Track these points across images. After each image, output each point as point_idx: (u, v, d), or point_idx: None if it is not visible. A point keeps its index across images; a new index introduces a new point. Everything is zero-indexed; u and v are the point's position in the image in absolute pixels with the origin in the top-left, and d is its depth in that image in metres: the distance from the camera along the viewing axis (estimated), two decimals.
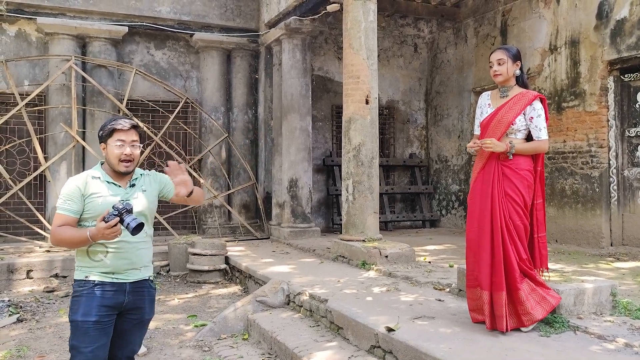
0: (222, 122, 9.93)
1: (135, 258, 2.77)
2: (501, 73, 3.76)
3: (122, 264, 2.72)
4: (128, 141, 2.74)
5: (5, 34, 8.77)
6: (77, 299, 2.69)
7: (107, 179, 2.76)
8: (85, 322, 2.63)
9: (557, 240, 7.83)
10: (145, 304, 2.83)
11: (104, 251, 2.69)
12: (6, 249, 7.87)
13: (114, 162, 2.73)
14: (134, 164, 2.79)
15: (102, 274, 2.69)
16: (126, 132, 2.74)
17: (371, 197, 6.80)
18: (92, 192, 2.69)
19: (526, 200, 3.70)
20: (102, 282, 2.68)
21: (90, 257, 2.70)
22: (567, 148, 7.84)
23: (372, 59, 6.85)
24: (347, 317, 4.27)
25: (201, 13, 9.65)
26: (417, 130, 11.27)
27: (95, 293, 2.66)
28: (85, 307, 2.64)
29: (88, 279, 2.69)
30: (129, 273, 2.75)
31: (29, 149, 8.78)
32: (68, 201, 2.66)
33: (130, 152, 2.74)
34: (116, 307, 2.72)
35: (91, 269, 2.70)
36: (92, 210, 2.67)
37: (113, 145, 2.72)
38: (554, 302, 3.66)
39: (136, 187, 2.82)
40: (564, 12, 7.91)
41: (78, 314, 2.65)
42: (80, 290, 2.69)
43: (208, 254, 7.38)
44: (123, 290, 2.72)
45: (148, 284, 2.86)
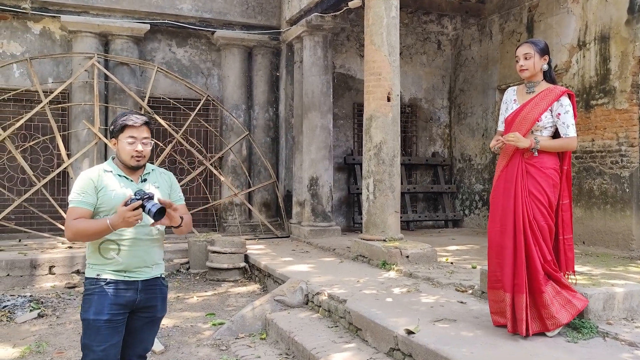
0: (243, 120, 9.91)
1: (147, 256, 2.73)
2: (527, 68, 3.62)
3: (135, 261, 2.69)
4: (140, 138, 2.71)
5: (30, 32, 8.88)
6: (89, 297, 2.66)
7: (119, 173, 2.73)
8: (97, 320, 2.60)
9: (585, 242, 7.61)
10: (157, 302, 2.79)
11: (116, 248, 2.66)
12: (29, 245, 7.96)
13: (125, 158, 2.71)
14: (145, 159, 2.76)
15: (114, 272, 2.66)
16: (138, 128, 2.71)
17: (392, 196, 6.68)
18: (105, 186, 2.66)
19: (551, 200, 3.55)
20: (114, 280, 2.65)
21: (102, 254, 2.67)
22: (595, 147, 7.60)
23: (394, 56, 6.73)
24: (366, 318, 4.18)
25: (222, 10, 9.64)
26: (440, 128, 11.10)
27: (108, 291, 2.63)
28: (97, 306, 2.62)
29: (100, 277, 2.66)
30: (141, 271, 2.72)
31: (52, 146, 8.87)
32: (82, 194, 2.63)
33: (142, 149, 2.71)
34: (128, 306, 2.69)
35: (103, 267, 2.67)
36: (106, 204, 2.64)
37: (124, 141, 2.70)
38: (580, 305, 3.51)
39: (148, 182, 2.79)
40: (594, 7, 7.67)
41: (90, 312, 2.62)
42: (92, 288, 2.66)
43: (227, 252, 7.35)
44: (135, 289, 2.69)
45: (160, 281, 2.82)
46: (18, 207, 8.34)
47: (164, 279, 2.88)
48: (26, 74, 8.76)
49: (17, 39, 8.81)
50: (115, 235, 2.63)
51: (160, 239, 2.83)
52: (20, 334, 5.07)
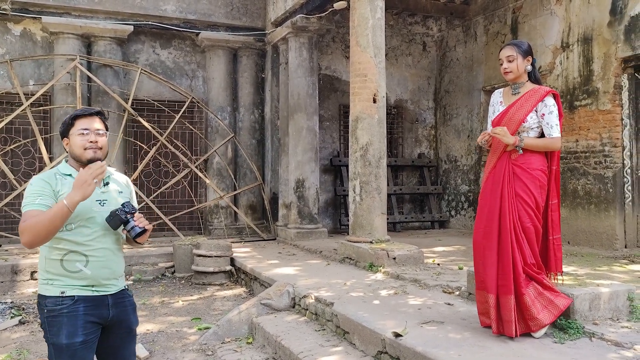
0: (229, 122, 9.84)
1: (116, 266, 2.53)
2: (511, 70, 3.63)
3: (104, 273, 2.46)
4: (92, 129, 2.47)
5: (10, 34, 8.73)
6: (56, 320, 2.37)
7: None
8: (72, 344, 2.36)
9: (570, 242, 7.66)
10: (129, 314, 2.59)
11: (84, 260, 2.41)
12: (10, 250, 7.82)
13: (78, 152, 2.46)
14: (103, 152, 2.51)
15: (82, 288, 2.41)
16: (89, 118, 2.48)
17: (379, 197, 6.67)
18: (65, 191, 2.38)
19: (538, 201, 3.56)
20: (82, 297, 2.40)
21: (65, 267, 2.39)
22: (579, 148, 7.66)
23: (380, 57, 6.73)
24: (354, 321, 4.14)
25: (207, 12, 9.57)
26: (425, 129, 11.12)
27: (78, 310, 2.37)
28: (69, 328, 2.36)
29: (65, 294, 2.38)
30: (110, 284, 2.50)
31: (34, 149, 8.73)
32: (39, 197, 2.33)
33: (96, 139, 2.46)
34: (101, 322, 2.47)
35: (68, 283, 2.39)
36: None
37: (75, 134, 2.46)
38: (562, 305, 3.52)
39: (110, 186, 2.58)
40: (576, 9, 7.74)
41: (61, 336, 2.35)
42: (59, 309, 2.36)
43: (213, 256, 7.28)
44: (106, 305, 2.47)
45: (127, 293, 2.61)
46: None
47: (129, 289, 2.67)
48: (6, 76, 8.61)
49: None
50: (83, 246, 2.41)
51: (122, 248, 2.64)
52: (1, 342, 4.97)
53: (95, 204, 2.47)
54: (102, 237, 2.47)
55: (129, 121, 9.09)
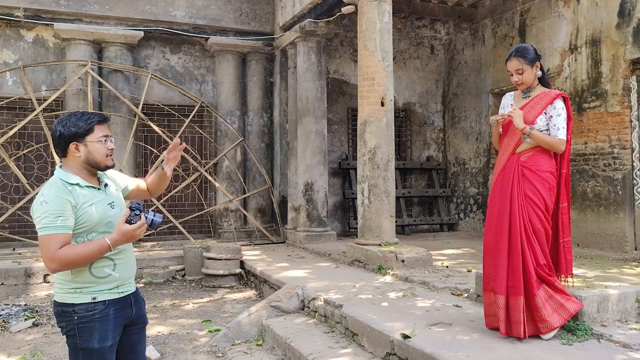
0: (238, 126, 9.92)
1: (135, 264, 2.64)
2: (523, 82, 3.68)
3: (129, 272, 2.55)
4: (109, 135, 2.54)
5: (23, 40, 8.87)
6: (88, 325, 2.39)
7: (86, 184, 2.46)
8: (103, 348, 2.41)
9: (579, 244, 7.64)
10: (143, 310, 2.68)
11: (111, 264, 2.46)
12: (24, 253, 7.93)
13: (100, 159, 2.48)
14: None
15: (110, 292, 2.46)
16: (105, 125, 2.53)
17: (387, 200, 6.70)
18: (83, 201, 2.39)
19: (547, 203, 3.58)
20: (112, 300, 2.46)
21: (93, 274, 2.42)
22: (588, 150, 7.65)
23: (388, 61, 6.77)
24: (362, 323, 4.18)
25: (216, 17, 9.66)
26: (434, 132, 11.13)
27: (109, 314, 2.43)
28: (101, 332, 2.40)
29: (97, 300, 2.42)
30: (131, 283, 2.58)
31: (47, 154, 8.85)
32: (60, 217, 2.29)
33: (113, 147, 2.55)
34: (125, 323, 2.54)
35: (97, 288, 2.43)
36: (89, 222, 2.39)
37: (96, 141, 2.46)
38: (572, 309, 3.53)
39: (109, 186, 2.59)
40: (585, 11, 7.74)
41: (93, 341, 2.39)
42: (91, 315, 2.40)
43: (223, 259, 7.34)
44: (129, 304, 2.54)
45: (138, 290, 2.69)
46: (12, 216, 8.31)
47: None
48: (19, 82, 8.74)
49: (10, 47, 8.80)
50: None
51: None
52: (15, 344, 5.05)
53: (108, 208, 2.50)
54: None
55: (140, 126, 9.19)
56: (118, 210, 2.53)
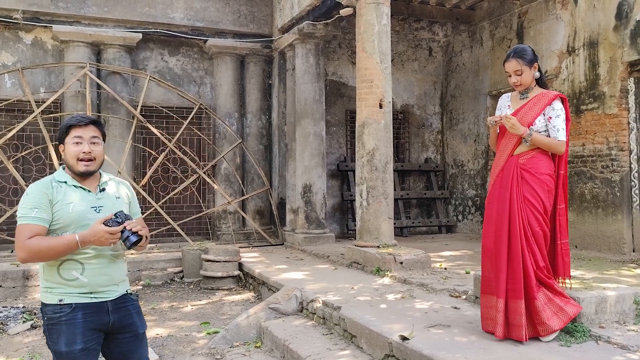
0: (236, 128, 9.92)
1: (115, 273, 2.50)
2: (521, 83, 3.67)
3: (102, 280, 2.44)
4: (86, 138, 2.46)
5: (21, 42, 8.87)
6: (55, 327, 2.36)
7: (74, 184, 2.46)
8: (71, 351, 2.34)
9: (577, 246, 7.65)
10: (133, 318, 2.56)
11: (80, 268, 2.39)
12: None
13: (71, 162, 2.46)
14: (96, 164, 2.51)
15: (79, 295, 2.38)
16: (83, 127, 2.47)
17: (385, 202, 6.70)
18: (60, 199, 2.39)
19: (546, 205, 3.58)
20: (81, 305, 2.37)
21: (61, 275, 2.37)
22: (586, 152, 7.67)
23: (386, 63, 6.78)
24: (361, 325, 4.18)
25: (215, 19, 9.67)
26: (432, 134, 11.15)
27: (76, 317, 2.35)
28: (68, 335, 2.34)
29: (63, 302, 2.36)
30: (109, 290, 2.47)
31: (45, 156, 8.84)
32: (35, 209, 2.34)
33: (89, 150, 2.45)
34: (102, 329, 2.45)
35: (65, 290, 2.38)
36: (62, 219, 2.38)
37: (70, 143, 2.45)
38: (572, 312, 3.53)
39: (107, 192, 2.55)
40: (582, 13, 7.76)
41: (60, 344, 2.34)
42: (57, 317, 2.35)
43: (221, 261, 7.33)
44: (105, 311, 2.43)
45: (129, 297, 2.57)
46: (10, 218, 8.29)
47: (132, 293, 2.62)
48: (18, 84, 8.74)
49: (8, 49, 8.80)
50: (78, 253, 2.38)
51: (123, 253, 2.61)
52: (14, 346, 5.04)
53: (90, 210, 2.45)
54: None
55: (138, 128, 9.19)
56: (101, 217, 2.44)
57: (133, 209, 2.69)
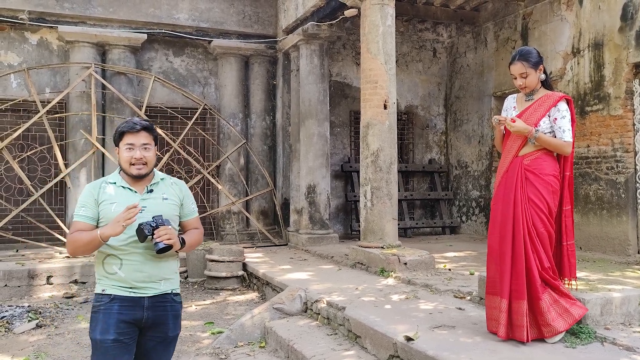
0: (240, 129, 9.94)
1: (154, 270, 2.58)
2: (527, 85, 3.67)
3: (138, 276, 2.55)
4: (138, 144, 2.59)
5: (27, 43, 8.90)
6: (95, 315, 2.55)
7: (122, 184, 2.62)
8: (104, 340, 2.48)
9: (582, 248, 7.63)
10: (168, 320, 2.61)
11: (118, 263, 2.54)
12: (27, 255, 7.94)
13: (124, 166, 2.61)
14: (148, 167, 2.63)
15: (119, 288, 2.54)
16: (136, 134, 2.59)
17: (390, 203, 6.71)
18: (106, 199, 2.56)
19: (551, 206, 3.58)
20: (119, 297, 2.52)
21: (105, 269, 2.56)
22: (591, 153, 7.65)
23: (390, 64, 6.79)
24: (365, 325, 4.19)
25: (219, 20, 9.69)
26: (436, 135, 11.14)
27: (113, 308, 2.51)
28: (103, 324, 2.49)
29: (105, 292, 2.55)
30: (147, 287, 2.56)
31: (50, 156, 8.87)
32: (82, 207, 2.56)
33: (141, 156, 2.58)
34: (135, 323, 2.54)
35: (108, 282, 2.55)
36: (106, 218, 2.53)
37: (123, 148, 2.60)
38: (577, 314, 3.52)
39: (155, 193, 2.65)
40: (587, 14, 7.75)
41: (97, 331, 2.50)
42: (98, 305, 2.55)
43: (226, 261, 7.35)
44: (141, 306, 2.54)
45: (171, 298, 2.64)
46: (16, 217, 8.33)
47: (177, 295, 2.68)
48: (24, 84, 8.77)
49: (14, 50, 8.83)
50: (116, 250, 2.53)
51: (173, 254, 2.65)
52: (19, 345, 5.06)
53: None
54: (136, 242, 2.52)
55: None
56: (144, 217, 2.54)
57: (186, 209, 2.75)
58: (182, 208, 2.73)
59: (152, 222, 2.46)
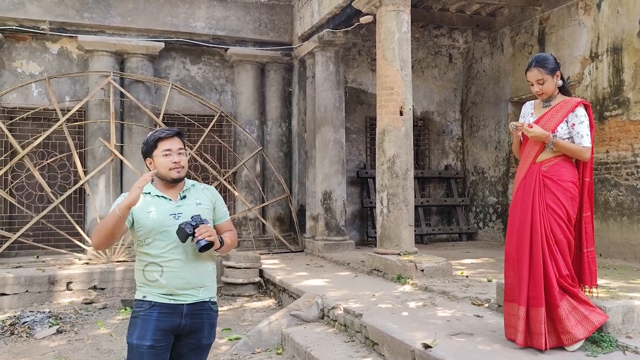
0: (256, 135, 10.00)
1: (193, 277, 2.61)
2: (544, 92, 3.65)
3: (179, 283, 2.58)
4: (174, 149, 2.64)
5: (48, 52, 9.07)
6: (134, 320, 2.60)
7: (156, 193, 2.65)
8: (140, 346, 2.53)
9: (601, 255, 7.53)
10: (204, 327, 2.65)
11: (159, 270, 2.58)
12: (47, 261, 8.06)
13: (164, 172, 2.64)
14: (184, 171, 2.69)
15: (160, 295, 2.58)
16: (171, 139, 2.65)
17: (406, 209, 6.69)
18: (142, 208, 2.58)
19: (569, 213, 3.54)
20: (159, 304, 2.57)
21: (145, 277, 2.61)
22: (610, 158, 7.56)
23: (406, 70, 6.79)
24: (383, 332, 4.17)
25: (235, 28, 9.78)
26: (452, 141, 11.10)
27: (152, 315, 2.55)
28: (141, 330, 2.55)
29: (145, 299, 2.59)
30: (187, 294, 2.60)
31: (69, 163, 9.00)
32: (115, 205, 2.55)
33: (179, 159, 2.63)
34: (172, 331, 2.59)
35: (149, 289, 2.60)
36: (144, 227, 2.57)
37: (160, 156, 2.63)
38: (597, 322, 3.48)
39: (188, 199, 2.68)
40: (605, 19, 7.68)
41: (134, 336, 2.56)
42: (137, 311, 2.60)
43: (242, 267, 7.38)
44: (180, 313, 2.58)
45: (208, 306, 2.68)
46: (36, 224, 8.45)
47: (214, 303, 2.73)
48: (44, 93, 8.93)
49: (35, 59, 9.00)
50: (157, 257, 2.57)
51: (209, 260, 2.70)
52: (40, 350, 5.13)
53: (169, 218, 2.59)
54: (176, 249, 2.57)
55: None
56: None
57: (218, 213, 2.79)
58: (214, 212, 2.77)
59: (192, 222, 2.50)
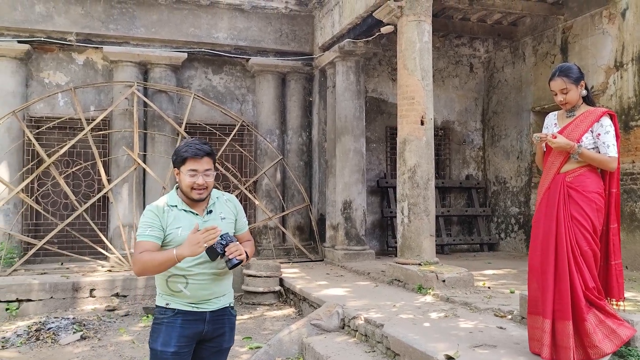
0: (277, 145, 10.06)
1: (217, 288, 2.68)
2: (568, 101, 3.60)
3: (203, 294, 2.63)
4: (201, 170, 2.60)
5: (74, 63, 9.26)
6: (157, 327, 2.63)
7: (184, 208, 2.66)
8: (164, 352, 2.57)
9: (628, 267, 7.39)
10: (225, 332, 2.73)
11: (184, 282, 2.60)
12: (71, 268, 8.18)
13: (186, 190, 2.64)
14: (208, 191, 2.67)
15: (182, 303, 2.62)
16: (199, 161, 2.61)
17: (427, 219, 6.65)
18: (171, 223, 2.60)
19: (595, 224, 3.48)
20: (183, 311, 2.61)
21: (169, 287, 2.62)
22: (636, 169, 7.44)
23: (427, 80, 6.78)
24: (404, 343, 4.15)
25: (257, 38, 9.88)
26: (473, 151, 11.03)
27: (176, 322, 2.59)
28: (165, 337, 2.59)
29: (169, 306, 2.63)
30: (210, 302, 2.66)
31: (94, 172, 9.16)
32: (148, 228, 2.58)
33: (203, 182, 2.61)
34: (195, 337, 2.64)
35: (172, 298, 2.63)
36: (174, 242, 2.58)
37: (185, 173, 2.61)
38: (625, 335, 3.41)
39: (213, 214, 2.70)
40: (630, 27, 7.59)
41: (158, 342, 2.59)
42: (161, 318, 2.63)
43: (263, 276, 7.40)
44: (203, 319, 2.64)
45: (229, 311, 2.76)
46: (61, 231, 8.59)
47: (233, 308, 2.81)
48: (70, 102, 9.11)
49: (62, 70, 9.20)
50: (183, 270, 2.58)
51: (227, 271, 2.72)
52: (64, 355, 5.20)
53: None
54: (202, 263, 2.59)
55: None
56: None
57: (239, 224, 2.82)
58: (236, 223, 2.80)
59: (222, 241, 2.51)
